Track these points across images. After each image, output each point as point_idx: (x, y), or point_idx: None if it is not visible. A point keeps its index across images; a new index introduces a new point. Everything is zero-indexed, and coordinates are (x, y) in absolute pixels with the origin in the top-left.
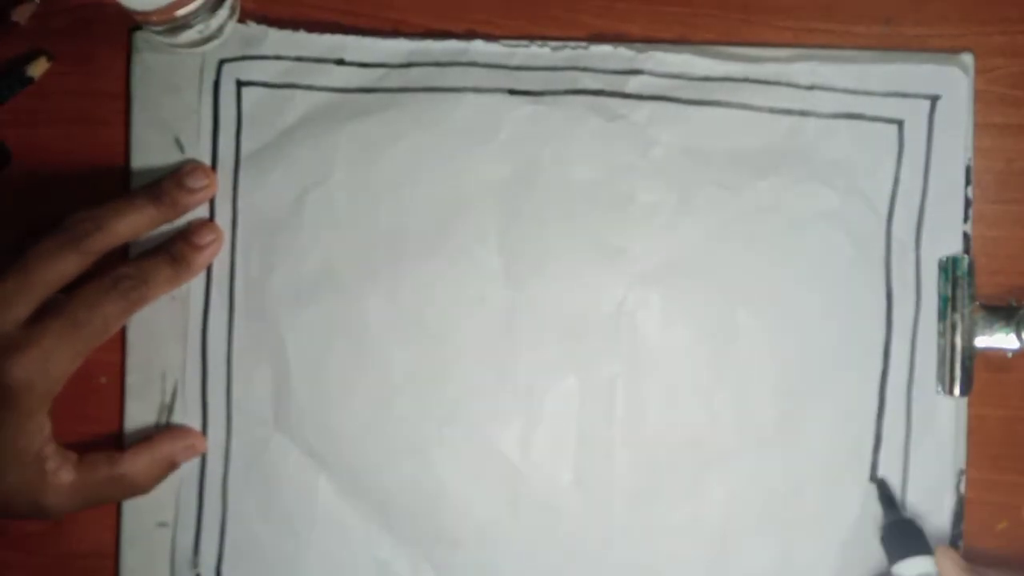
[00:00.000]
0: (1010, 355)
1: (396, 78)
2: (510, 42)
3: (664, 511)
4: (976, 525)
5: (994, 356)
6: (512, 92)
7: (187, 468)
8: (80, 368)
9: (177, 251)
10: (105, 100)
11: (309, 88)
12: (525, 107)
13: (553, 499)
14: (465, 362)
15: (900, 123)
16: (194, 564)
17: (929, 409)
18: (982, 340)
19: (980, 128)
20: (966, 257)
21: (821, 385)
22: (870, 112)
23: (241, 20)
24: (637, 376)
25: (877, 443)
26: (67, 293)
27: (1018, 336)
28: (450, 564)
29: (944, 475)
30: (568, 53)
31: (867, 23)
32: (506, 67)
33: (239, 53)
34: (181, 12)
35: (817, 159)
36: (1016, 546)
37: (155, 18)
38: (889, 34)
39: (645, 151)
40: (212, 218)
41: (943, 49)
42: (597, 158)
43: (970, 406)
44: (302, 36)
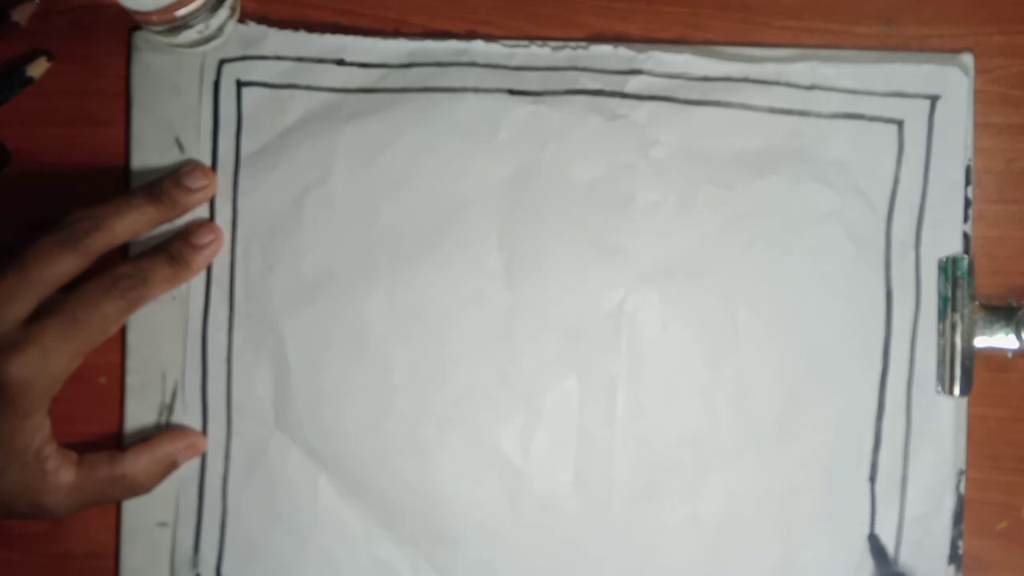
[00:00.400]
0: (1010, 355)
1: (396, 78)
2: (510, 42)
3: (664, 511)
4: (976, 525)
5: (994, 356)
6: (512, 92)
7: (187, 468)
8: (80, 368)
9: (176, 251)
10: (105, 100)
11: (309, 88)
12: (525, 107)
13: (553, 499)
14: (465, 362)
15: (900, 123)
16: (194, 564)
17: (929, 409)
18: (982, 340)
19: (980, 128)
20: (966, 257)
21: (821, 385)
22: (870, 112)
23: (241, 20)
24: (637, 376)
25: (877, 443)
26: (65, 292)
27: (1018, 336)
28: (450, 564)
29: (944, 475)
30: (568, 53)
31: (867, 23)
32: (506, 67)
33: (239, 53)
34: (181, 12)
35: (817, 159)
36: (1016, 546)
37: (155, 18)
38: (889, 34)
39: (645, 151)
40: (212, 218)
41: (943, 49)
42: (597, 158)
43: (970, 406)
44: (302, 36)
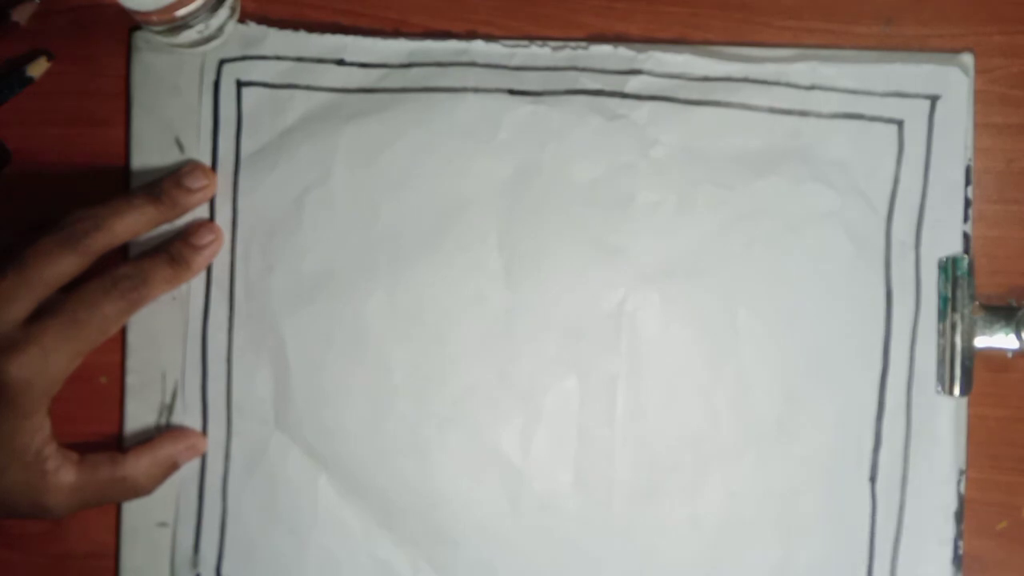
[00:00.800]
0: (1010, 355)
1: (396, 78)
2: (510, 42)
3: (664, 511)
4: (976, 525)
5: (994, 356)
6: (512, 92)
7: (187, 468)
8: (80, 368)
9: (176, 251)
10: (105, 100)
11: (309, 88)
12: (525, 107)
13: (553, 499)
14: (465, 362)
15: (900, 123)
16: (194, 564)
17: (929, 409)
18: (982, 340)
19: (980, 128)
20: (966, 257)
21: (821, 385)
22: (870, 112)
23: (241, 20)
24: (637, 376)
25: (877, 443)
26: (65, 293)
27: (1018, 336)
28: (450, 564)
29: (944, 475)
30: (568, 53)
31: (867, 23)
32: (506, 67)
33: (239, 53)
34: (181, 12)
35: (817, 159)
36: (1016, 546)
37: (155, 18)
38: (889, 34)
39: (645, 151)
40: (212, 218)
41: (943, 49)
42: (597, 158)
43: (970, 406)
44: (302, 36)
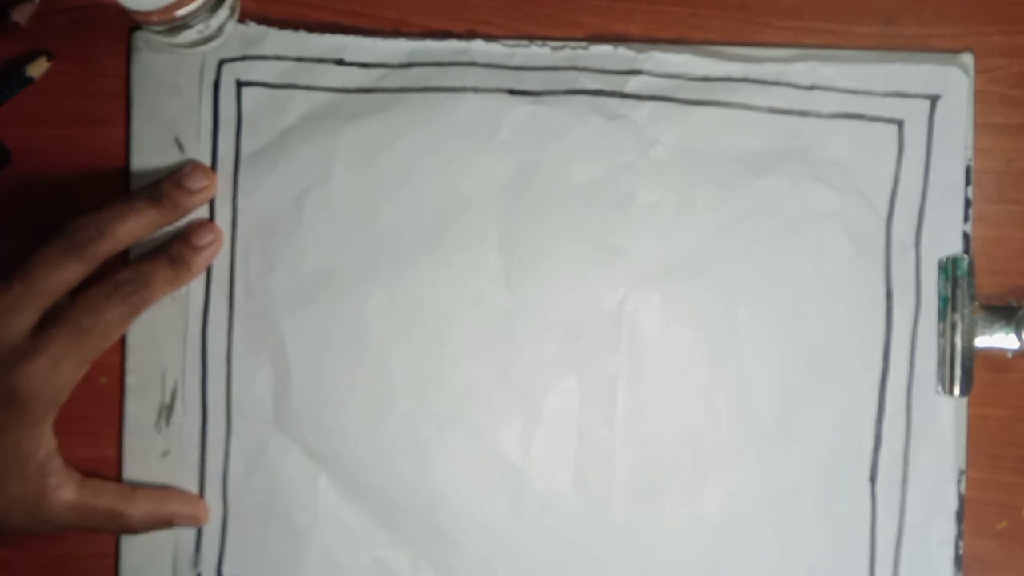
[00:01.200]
0: (1010, 355)
1: (396, 78)
2: (510, 42)
3: (664, 511)
4: (976, 525)
5: (994, 356)
6: (512, 92)
7: (187, 468)
8: None
9: (176, 253)
10: (105, 100)
11: (309, 88)
12: (525, 107)
13: (553, 499)
14: (465, 362)
15: (900, 123)
16: (195, 563)
17: (929, 409)
18: (982, 340)
19: (980, 128)
20: (966, 257)
21: (821, 385)
22: (870, 112)
23: (241, 20)
24: (637, 376)
25: (877, 443)
26: (69, 300)
27: (1018, 336)
28: (450, 564)
29: (944, 475)
30: (568, 53)
31: (867, 23)
32: (506, 67)
33: (239, 53)
34: (181, 12)
35: (817, 159)
36: (1016, 546)
37: (155, 18)
38: (889, 34)
39: (645, 151)
40: (212, 219)
41: (943, 49)
42: (597, 158)
43: (970, 406)
44: (302, 36)
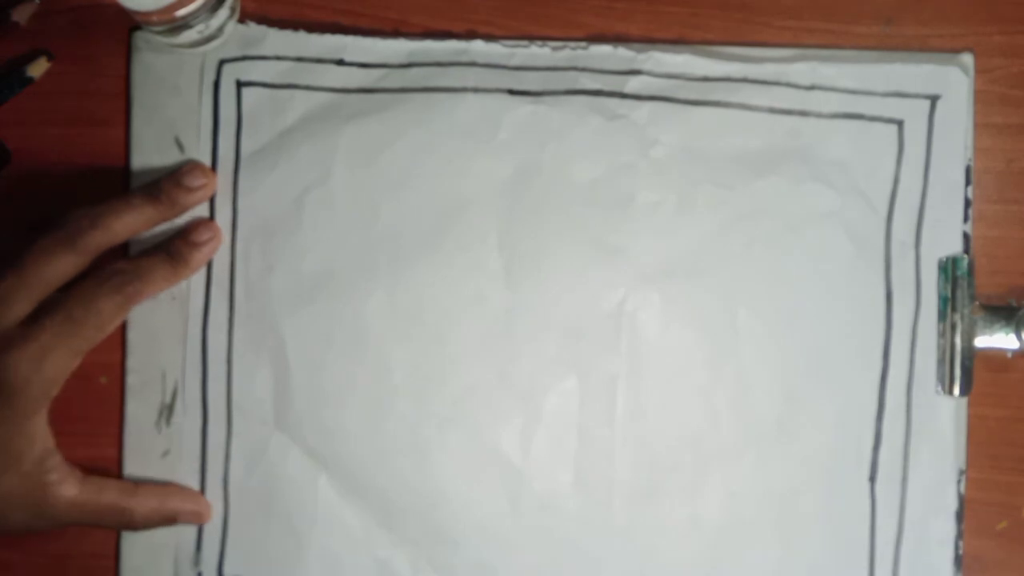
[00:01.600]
0: (1010, 355)
1: (396, 78)
2: (510, 42)
3: (664, 511)
4: (976, 525)
5: (994, 356)
6: (512, 92)
7: (188, 467)
8: (80, 368)
9: (175, 249)
10: (105, 100)
11: (309, 88)
12: (525, 107)
13: (553, 499)
14: (465, 362)
15: (900, 123)
16: (196, 563)
17: (929, 409)
18: (982, 340)
19: (980, 128)
20: (966, 257)
21: (821, 385)
22: (870, 112)
23: (241, 20)
24: (637, 376)
25: (877, 443)
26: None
27: (1018, 336)
28: (450, 564)
29: (944, 475)
30: (568, 53)
31: (867, 23)
32: (506, 67)
33: (239, 53)
34: (181, 12)
35: (817, 159)
36: (1016, 546)
37: (155, 18)
38: (889, 34)
39: (645, 151)
40: (212, 218)
41: (943, 49)
42: (597, 158)
43: (970, 406)
44: (302, 36)
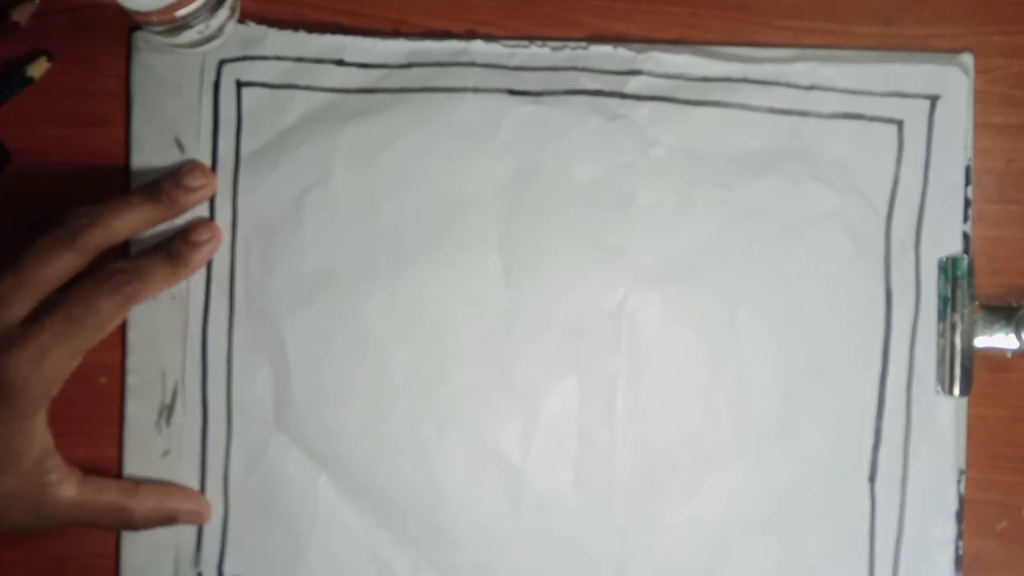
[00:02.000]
0: (1010, 355)
1: (396, 78)
2: (510, 42)
3: (664, 511)
4: (976, 525)
5: (994, 356)
6: (512, 92)
7: (188, 467)
8: (80, 368)
9: (174, 248)
10: (105, 100)
11: (309, 88)
12: (525, 107)
13: (553, 499)
14: (465, 362)
15: (900, 123)
16: (196, 563)
17: (929, 409)
18: (982, 340)
19: (980, 128)
20: (966, 257)
21: (821, 385)
22: (870, 112)
23: (241, 20)
24: (637, 376)
25: (877, 443)
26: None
27: (1018, 336)
28: (450, 564)
29: (944, 475)
30: (568, 53)
31: (867, 23)
32: (506, 67)
33: (239, 53)
34: (181, 12)
35: (817, 159)
36: (1016, 546)
37: (155, 18)
38: (889, 34)
39: (645, 151)
40: (212, 218)
41: (943, 49)
42: (597, 158)
43: (970, 406)
44: (302, 36)
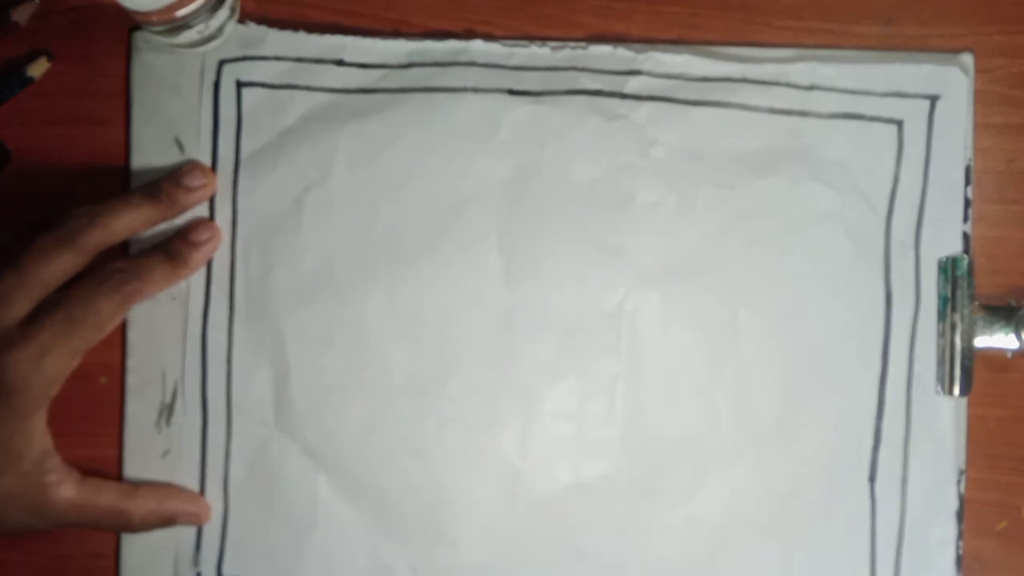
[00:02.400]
0: (1010, 355)
1: (396, 78)
2: (510, 42)
3: (664, 511)
4: (976, 525)
5: (994, 356)
6: (512, 92)
7: (187, 467)
8: (80, 368)
9: (174, 248)
10: (105, 100)
11: (309, 89)
12: (525, 107)
13: (553, 499)
14: (465, 362)
15: (900, 123)
16: (195, 563)
17: (929, 409)
18: (982, 340)
19: (980, 128)
20: (966, 257)
21: (821, 385)
22: (870, 112)
23: (241, 20)
24: (637, 376)
25: (877, 443)
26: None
27: (1018, 336)
28: (450, 564)
29: (944, 475)
30: (568, 53)
31: (867, 23)
32: (506, 67)
33: (239, 54)
34: (181, 12)
35: (817, 159)
36: (1016, 546)
37: (155, 18)
38: (889, 34)
39: (645, 151)
40: (212, 218)
41: (943, 49)
42: (597, 158)
43: (970, 406)
44: (302, 37)
